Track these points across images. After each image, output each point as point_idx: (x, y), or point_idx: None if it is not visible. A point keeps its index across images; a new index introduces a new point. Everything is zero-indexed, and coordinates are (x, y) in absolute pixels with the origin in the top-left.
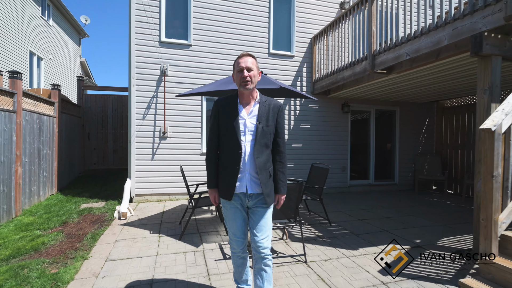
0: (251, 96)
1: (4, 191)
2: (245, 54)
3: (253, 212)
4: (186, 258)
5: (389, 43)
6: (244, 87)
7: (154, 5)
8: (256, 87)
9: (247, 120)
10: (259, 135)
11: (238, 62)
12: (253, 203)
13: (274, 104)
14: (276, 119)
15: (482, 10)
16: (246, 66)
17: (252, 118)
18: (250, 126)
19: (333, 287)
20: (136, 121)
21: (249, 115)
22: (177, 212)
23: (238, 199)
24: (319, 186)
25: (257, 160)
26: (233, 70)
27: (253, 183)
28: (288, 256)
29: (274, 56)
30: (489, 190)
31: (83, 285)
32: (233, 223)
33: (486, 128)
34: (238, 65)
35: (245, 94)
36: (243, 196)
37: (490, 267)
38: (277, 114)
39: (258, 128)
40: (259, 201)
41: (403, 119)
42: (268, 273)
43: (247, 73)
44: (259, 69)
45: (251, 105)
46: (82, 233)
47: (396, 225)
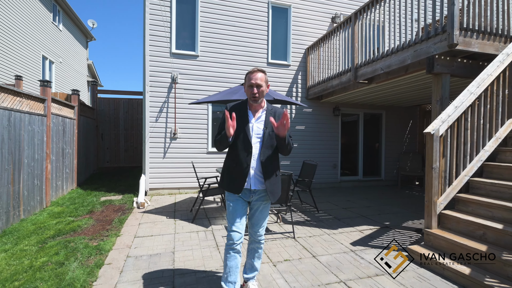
0: (259, 105)
1: (38, 184)
2: (256, 70)
3: (254, 206)
4: (198, 235)
5: (367, 58)
6: (253, 101)
7: (166, 20)
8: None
9: (254, 124)
10: (266, 138)
11: (249, 77)
12: (256, 198)
13: (279, 112)
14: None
15: (434, 38)
16: (256, 83)
17: (259, 123)
18: (257, 130)
19: (313, 253)
20: (150, 123)
21: (256, 121)
22: (187, 203)
23: (242, 194)
24: (309, 179)
25: (263, 160)
26: (244, 81)
27: (257, 181)
28: (280, 233)
29: (273, 65)
30: (429, 179)
31: (121, 253)
32: (234, 215)
33: (427, 132)
34: (249, 81)
35: (254, 105)
36: (247, 191)
37: (429, 236)
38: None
39: (265, 133)
40: (261, 197)
41: (389, 122)
42: (259, 252)
43: (256, 90)
44: (267, 82)
45: (259, 112)
46: (109, 219)
47: (373, 212)
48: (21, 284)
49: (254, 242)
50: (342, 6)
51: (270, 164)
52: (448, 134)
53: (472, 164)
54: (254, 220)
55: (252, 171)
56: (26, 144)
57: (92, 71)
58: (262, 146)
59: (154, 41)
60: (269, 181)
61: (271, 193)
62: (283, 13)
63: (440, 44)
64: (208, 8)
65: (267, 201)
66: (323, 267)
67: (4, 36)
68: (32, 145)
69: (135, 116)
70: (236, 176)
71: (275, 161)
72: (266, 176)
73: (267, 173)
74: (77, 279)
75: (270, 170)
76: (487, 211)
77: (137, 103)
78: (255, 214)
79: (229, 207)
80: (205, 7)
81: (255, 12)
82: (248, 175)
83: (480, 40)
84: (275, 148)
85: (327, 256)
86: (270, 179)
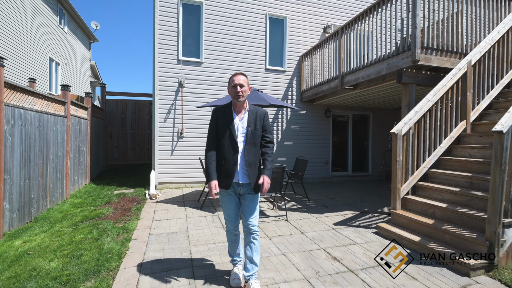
0: (242, 106)
1: (60, 178)
2: (238, 73)
3: (244, 198)
4: (207, 219)
5: (351, 68)
6: (237, 99)
7: (173, 30)
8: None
9: (239, 124)
10: (249, 136)
11: (232, 79)
12: (244, 191)
13: (260, 112)
14: (262, 123)
15: (402, 54)
16: (239, 83)
17: (243, 123)
18: (241, 129)
19: (302, 230)
20: (159, 123)
21: (240, 121)
22: (194, 195)
23: (232, 187)
24: (301, 173)
25: (247, 157)
26: (228, 85)
27: (243, 175)
28: (275, 216)
29: (270, 71)
30: (394, 170)
31: (143, 232)
32: (228, 207)
33: (393, 132)
34: (232, 82)
35: (238, 105)
36: (236, 185)
37: (394, 216)
38: (263, 119)
39: (248, 131)
40: (248, 189)
41: (375, 122)
42: (255, 245)
43: (239, 89)
44: (249, 85)
45: (242, 113)
46: (126, 208)
47: (356, 201)
48: (68, 252)
49: (248, 234)
50: (333, 18)
51: (253, 159)
52: (410, 134)
53: (430, 158)
54: (246, 211)
55: (238, 167)
56: (51, 142)
57: (95, 72)
58: (246, 144)
59: (162, 49)
60: (253, 175)
61: (255, 186)
62: (279, 24)
63: (406, 59)
64: (211, 19)
65: (252, 192)
66: (308, 240)
67: (16, 40)
68: (56, 143)
69: (141, 117)
70: (224, 173)
71: (257, 155)
72: (250, 170)
73: (251, 168)
74: (113, 248)
75: (253, 164)
76: (438, 194)
77: (143, 104)
78: (246, 205)
79: (222, 201)
80: (209, 18)
81: (254, 23)
82: (236, 171)
83: (439, 57)
84: (257, 144)
85: (313, 232)
86: (253, 173)
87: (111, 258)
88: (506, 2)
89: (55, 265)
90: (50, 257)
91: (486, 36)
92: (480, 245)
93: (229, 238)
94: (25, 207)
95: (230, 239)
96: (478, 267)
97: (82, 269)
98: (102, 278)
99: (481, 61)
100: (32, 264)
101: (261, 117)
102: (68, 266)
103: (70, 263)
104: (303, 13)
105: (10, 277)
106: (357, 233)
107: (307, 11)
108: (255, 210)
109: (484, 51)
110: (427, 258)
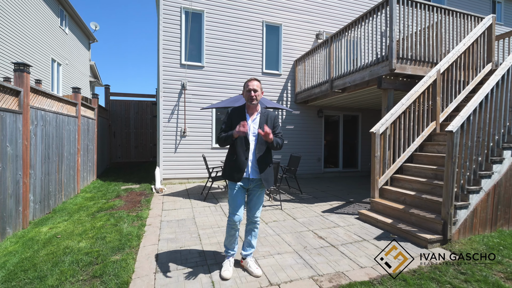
0: (255, 108)
1: (72, 174)
2: (253, 79)
3: (252, 192)
4: (210, 208)
5: (339, 73)
6: (250, 102)
7: (176, 37)
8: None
9: (251, 125)
10: (260, 136)
11: (247, 84)
12: (253, 186)
13: (271, 114)
14: (273, 124)
15: (381, 63)
16: (253, 88)
17: (255, 124)
18: (253, 129)
19: (294, 217)
20: (163, 123)
21: (252, 122)
22: (197, 189)
23: (242, 182)
24: (294, 168)
25: (258, 154)
26: (243, 88)
27: (254, 171)
28: (271, 206)
29: (267, 74)
30: (373, 164)
31: (155, 219)
32: (234, 201)
33: (371, 131)
34: (247, 86)
35: (251, 107)
36: (246, 180)
37: (373, 203)
38: (273, 121)
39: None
40: (257, 184)
41: (364, 122)
42: (255, 232)
43: (253, 93)
44: (262, 90)
45: (254, 115)
46: (136, 200)
47: (344, 193)
48: (93, 235)
49: (251, 223)
50: (324, 25)
51: (264, 157)
52: (387, 133)
53: (404, 153)
54: (252, 205)
55: (250, 163)
56: (65, 141)
57: (94, 72)
58: (257, 143)
59: (166, 54)
60: (264, 171)
61: (265, 181)
62: (275, 31)
63: (385, 68)
64: (212, 26)
65: (262, 188)
66: (299, 224)
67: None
68: (69, 142)
69: (144, 117)
70: (236, 167)
71: (268, 154)
72: (261, 167)
73: (262, 164)
74: (132, 232)
75: (264, 162)
76: (409, 184)
77: (146, 104)
78: (253, 199)
79: (231, 194)
80: (209, 25)
81: (251, 29)
82: (247, 166)
83: (413, 66)
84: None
85: (303, 218)
86: (264, 169)
87: (131, 239)
88: (472, 17)
89: (84, 245)
90: (78, 239)
91: (454, 47)
92: (437, 223)
93: (228, 232)
94: (45, 199)
95: (229, 233)
96: (434, 241)
97: (108, 247)
98: (126, 253)
99: (449, 70)
100: (64, 244)
101: (271, 119)
102: (95, 245)
103: (96, 243)
104: (297, 20)
105: (48, 253)
106: (341, 219)
107: (301, 19)
108: (260, 204)
109: (451, 60)
110: (396, 235)
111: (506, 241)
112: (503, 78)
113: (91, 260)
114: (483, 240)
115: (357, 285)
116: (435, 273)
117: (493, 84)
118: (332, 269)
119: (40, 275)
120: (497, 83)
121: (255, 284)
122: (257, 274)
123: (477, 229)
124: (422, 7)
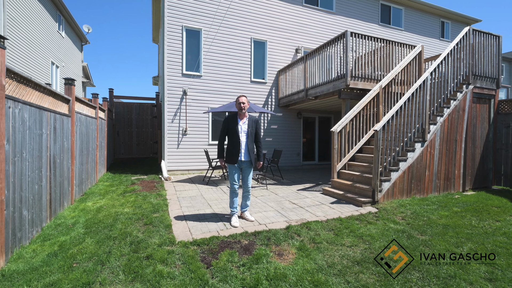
0: (244, 115)
1: (93, 166)
2: (242, 96)
3: (244, 170)
4: (212, 189)
5: (312, 85)
6: (240, 111)
7: (178, 50)
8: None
9: (242, 126)
10: (249, 134)
11: (238, 99)
12: (245, 166)
13: (254, 119)
14: (255, 126)
15: (341, 79)
16: (242, 101)
17: (244, 126)
18: (244, 129)
19: (276, 193)
20: (167, 123)
21: (243, 124)
22: (197, 178)
23: (237, 164)
24: (277, 159)
25: (246, 145)
26: (235, 101)
27: (245, 155)
28: (258, 186)
29: (254, 82)
30: (333, 154)
31: (173, 196)
32: (233, 176)
33: (331, 130)
34: (238, 100)
35: (241, 114)
36: (240, 162)
37: (332, 182)
38: (256, 124)
39: (248, 131)
40: (247, 164)
41: (336, 122)
42: (249, 197)
43: (242, 105)
44: (248, 102)
45: (244, 120)
46: (151, 185)
47: (316, 179)
48: (132, 205)
49: (245, 191)
50: (302, 41)
51: (251, 147)
52: (342, 131)
53: (356, 146)
54: (245, 178)
55: (242, 151)
56: (90, 138)
57: (86, 73)
58: (247, 138)
59: (170, 65)
60: (250, 155)
61: (252, 161)
62: (261, 46)
63: (343, 83)
64: (208, 41)
65: (250, 166)
66: (279, 197)
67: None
68: (92, 139)
69: (145, 117)
70: (233, 154)
71: (252, 145)
72: (249, 153)
73: (249, 151)
74: (159, 203)
75: (251, 150)
76: (357, 168)
77: (146, 106)
78: (245, 175)
79: (231, 172)
80: (206, 40)
81: (241, 44)
82: (240, 153)
83: (363, 82)
84: (253, 139)
85: (283, 193)
86: (250, 154)
87: (161, 206)
88: (407, 46)
89: (128, 210)
90: (122, 208)
91: (394, 68)
92: (370, 191)
93: (231, 195)
94: (81, 184)
95: (231, 196)
96: (366, 202)
97: (147, 211)
98: (161, 213)
99: (389, 85)
100: (112, 211)
101: (254, 122)
102: (136, 211)
103: (136, 209)
104: (279, 37)
105: (104, 216)
106: (310, 193)
107: (282, 36)
108: (250, 178)
109: (391, 78)
110: (344, 201)
111: (413, 202)
112: (413, 95)
113: (139, 217)
114: (399, 202)
115: (312, 222)
116: (359, 217)
117: (405, 99)
118: (298, 217)
119: (109, 224)
120: (409, 98)
121: (252, 224)
122: (252, 220)
123: (396, 196)
124: (368, 38)
